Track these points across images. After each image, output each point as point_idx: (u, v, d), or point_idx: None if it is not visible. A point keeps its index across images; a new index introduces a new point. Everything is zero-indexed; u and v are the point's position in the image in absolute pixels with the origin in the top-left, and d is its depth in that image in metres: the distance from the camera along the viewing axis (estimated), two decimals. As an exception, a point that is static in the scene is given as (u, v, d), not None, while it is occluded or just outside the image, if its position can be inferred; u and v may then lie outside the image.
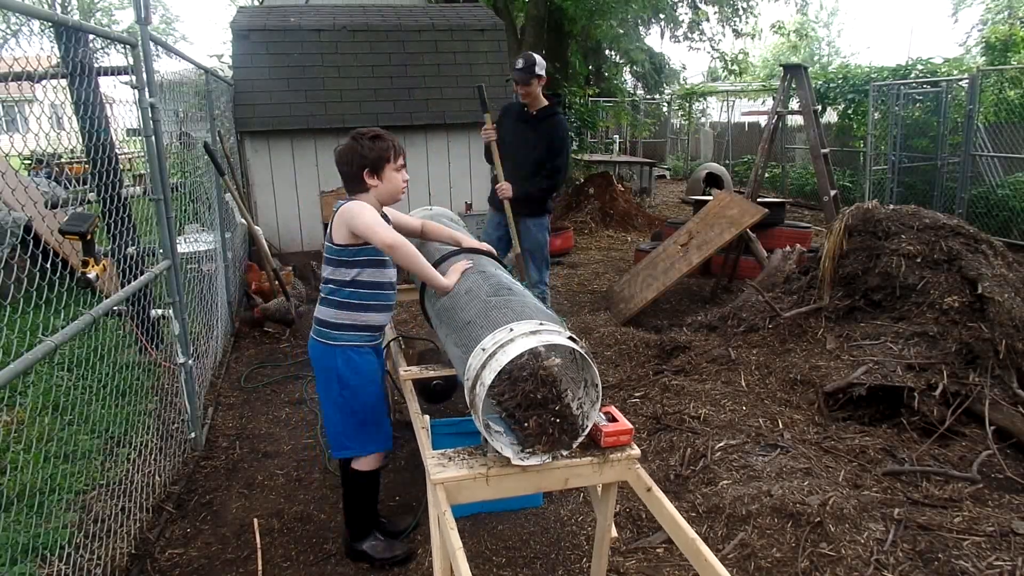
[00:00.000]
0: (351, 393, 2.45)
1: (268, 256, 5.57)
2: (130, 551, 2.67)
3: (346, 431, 2.50)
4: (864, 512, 2.65)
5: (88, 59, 3.09)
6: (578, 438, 1.84)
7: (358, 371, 2.45)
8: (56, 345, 2.01)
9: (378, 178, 2.35)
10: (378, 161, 2.33)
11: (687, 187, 12.60)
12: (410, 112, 7.05)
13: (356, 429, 2.50)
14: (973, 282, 3.60)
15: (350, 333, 2.44)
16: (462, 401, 3.02)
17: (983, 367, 3.34)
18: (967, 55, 18.53)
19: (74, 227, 2.77)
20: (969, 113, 7.94)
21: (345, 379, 2.44)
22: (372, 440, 2.53)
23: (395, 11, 7.70)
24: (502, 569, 2.64)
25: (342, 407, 2.47)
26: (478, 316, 1.95)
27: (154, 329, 4.10)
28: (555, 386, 1.82)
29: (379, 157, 2.33)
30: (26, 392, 3.80)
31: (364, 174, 2.34)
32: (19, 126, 9.30)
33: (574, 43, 11.84)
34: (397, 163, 2.37)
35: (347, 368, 2.43)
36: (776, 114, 6.34)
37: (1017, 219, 7.78)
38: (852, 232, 4.14)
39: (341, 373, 2.43)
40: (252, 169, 6.84)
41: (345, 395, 2.45)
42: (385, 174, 2.35)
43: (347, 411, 2.47)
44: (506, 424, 1.88)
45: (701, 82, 21.55)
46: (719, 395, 3.69)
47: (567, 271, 7.31)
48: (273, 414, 4.06)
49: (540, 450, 1.83)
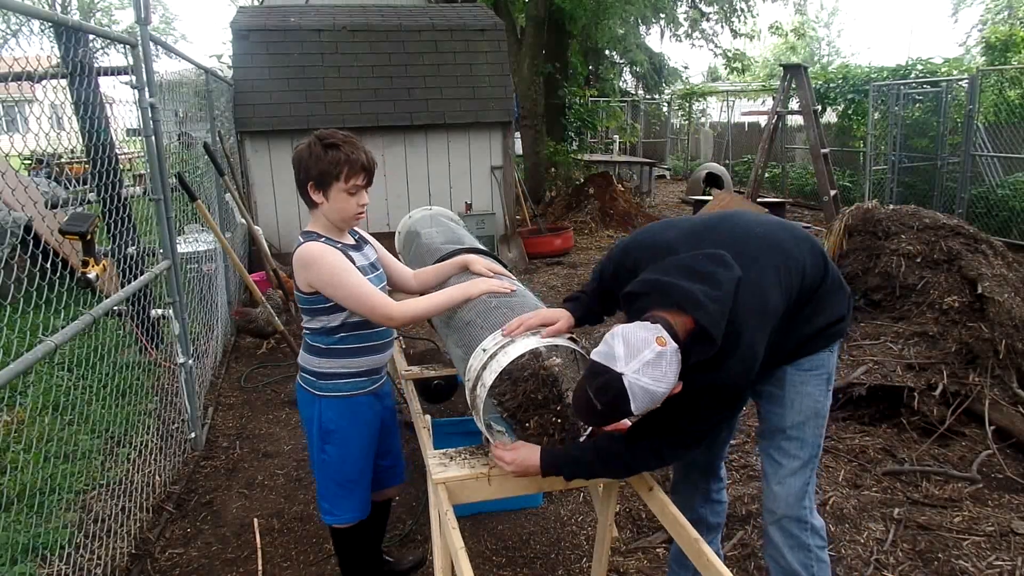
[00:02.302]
0: (335, 451, 2.09)
1: (268, 256, 5.57)
2: (130, 551, 2.67)
3: (328, 494, 2.15)
4: (864, 512, 2.65)
5: (88, 59, 3.09)
6: (579, 439, 1.84)
7: (346, 425, 2.07)
8: (56, 345, 2.01)
9: (323, 196, 1.93)
10: (323, 177, 1.89)
11: (687, 187, 12.60)
12: (410, 112, 7.05)
13: (337, 492, 2.14)
14: (973, 282, 3.60)
15: (341, 382, 2.05)
16: (462, 401, 3.02)
17: (983, 367, 3.35)
18: (967, 55, 18.55)
19: (74, 227, 2.77)
20: (969, 113, 7.94)
21: (329, 434, 2.07)
22: (352, 507, 2.17)
23: (395, 11, 7.69)
24: (502, 569, 2.64)
25: (324, 466, 2.11)
26: (479, 316, 1.95)
27: (154, 329, 4.10)
28: (556, 386, 1.82)
29: (324, 173, 1.88)
30: (26, 392, 3.79)
31: (309, 187, 1.93)
32: (19, 126, 9.30)
33: (574, 43, 11.84)
34: (348, 184, 1.89)
35: (333, 422, 2.07)
36: (776, 114, 6.35)
37: (1017, 219, 7.78)
38: (852, 232, 4.14)
39: (326, 427, 2.07)
40: (252, 169, 6.84)
41: (328, 452, 2.09)
42: (331, 193, 1.91)
43: (329, 471, 2.11)
44: (508, 424, 1.88)
45: (701, 82, 21.56)
46: (719, 395, 3.68)
47: (567, 271, 7.30)
48: (273, 414, 4.06)
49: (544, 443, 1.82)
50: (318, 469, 2.14)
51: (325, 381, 2.05)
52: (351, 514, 2.17)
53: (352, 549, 2.29)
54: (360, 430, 2.11)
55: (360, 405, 2.10)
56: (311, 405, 2.09)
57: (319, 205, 1.95)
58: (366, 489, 2.20)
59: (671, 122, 18.14)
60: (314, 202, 1.95)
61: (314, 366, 2.06)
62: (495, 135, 7.45)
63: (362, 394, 2.09)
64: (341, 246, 1.97)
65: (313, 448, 2.13)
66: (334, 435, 2.08)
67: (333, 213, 1.96)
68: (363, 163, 1.91)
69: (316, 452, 2.11)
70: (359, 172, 1.91)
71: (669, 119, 18.12)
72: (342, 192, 1.91)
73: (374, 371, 2.12)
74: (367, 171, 1.93)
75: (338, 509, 2.16)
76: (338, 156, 1.88)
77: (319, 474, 2.15)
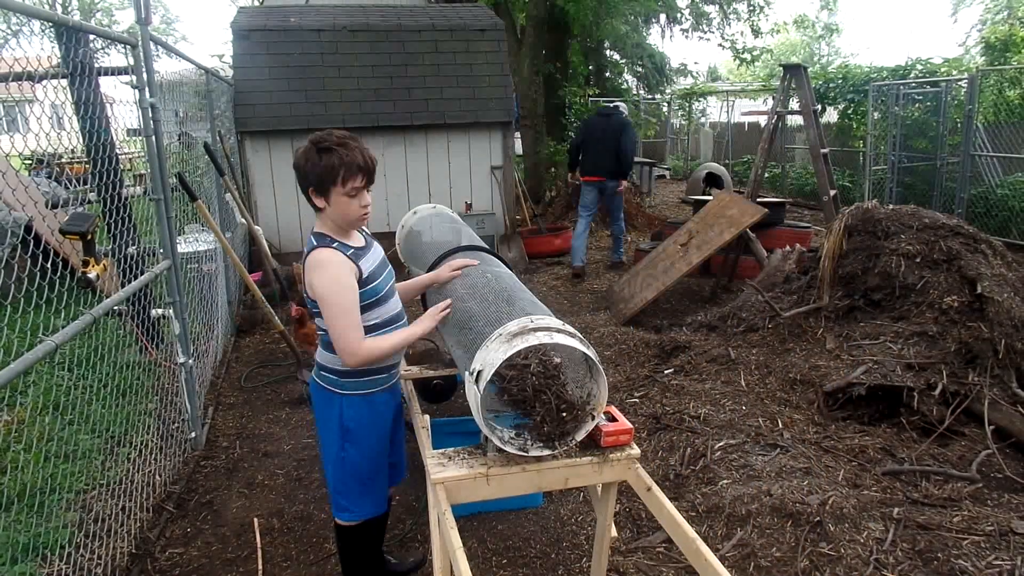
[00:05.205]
0: (355, 448, 2.10)
1: (268, 256, 5.58)
2: (130, 551, 2.67)
3: (347, 491, 2.16)
4: (864, 512, 2.65)
5: (88, 59, 3.09)
6: (582, 426, 1.83)
7: (366, 423, 2.09)
8: (56, 345, 2.01)
9: (325, 200, 1.93)
10: (321, 183, 1.90)
11: (687, 187, 12.59)
12: (410, 112, 7.05)
13: (357, 490, 2.16)
14: (972, 282, 3.60)
15: (360, 380, 2.06)
16: (462, 401, 3.01)
17: (982, 367, 3.35)
18: (967, 55, 18.55)
19: (74, 227, 2.77)
20: (968, 113, 7.94)
21: (350, 432, 2.08)
22: (371, 503, 2.21)
23: (395, 11, 7.70)
24: (502, 569, 2.65)
25: (343, 464, 2.12)
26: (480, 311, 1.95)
27: (154, 329, 4.10)
28: (559, 375, 1.81)
29: (322, 178, 1.89)
30: (26, 392, 3.80)
31: (310, 192, 1.94)
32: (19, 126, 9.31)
33: (575, 43, 11.84)
34: (347, 187, 1.89)
35: (354, 420, 2.08)
36: (776, 114, 6.35)
37: (1016, 219, 7.78)
38: (852, 232, 4.14)
39: (346, 425, 2.08)
40: (252, 169, 6.85)
41: (348, 450, 2.10)
42: (332, 198, 1.91)
43: (349, 468, 2.12)
44: (507, 420, 1.87)
45: (702, 81, 21.54)
46: (719, 395, 3.69)
47: (567, 271, 7.30)
48: (273, 414, 4.06)
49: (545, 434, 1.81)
50: (336, 467, 2.14)
51: (348, 379, 2.06)
52: (370, 510, 2.20)
53: (357, 548, 2.30)
54: (379, 427, 2.14)
55: (378, 403, 2.12)
56: (329, 404, 2.09)
57: (323, 209, 1.96)
58: (383, 486, 2.23)
59: (671, 122, 18.13)
60: (317, 207, 1.96)
61: (334, 364, 2.06)
62: (495, 135, 7.46)
63: (380, 391, 2.12)
64: (352, 252, 1.98)
65: (331, 447, 2.12)
66: (354, 433, 2.09)
67: (337, 216, 1.96)
68: (359, 164, 1.89)
69: (335, 450, 2.11)
70: (356, 174, 1.89)
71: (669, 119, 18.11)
72: (342, 196, 1.91)
73: (392, 367, 2.15)
74: (364, 171, 1.91)
75: (356, 506, 2.18)
76: (332, 160, 1.87)
77: (338, 472, 2.14)
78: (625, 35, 13.44)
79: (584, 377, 1.88)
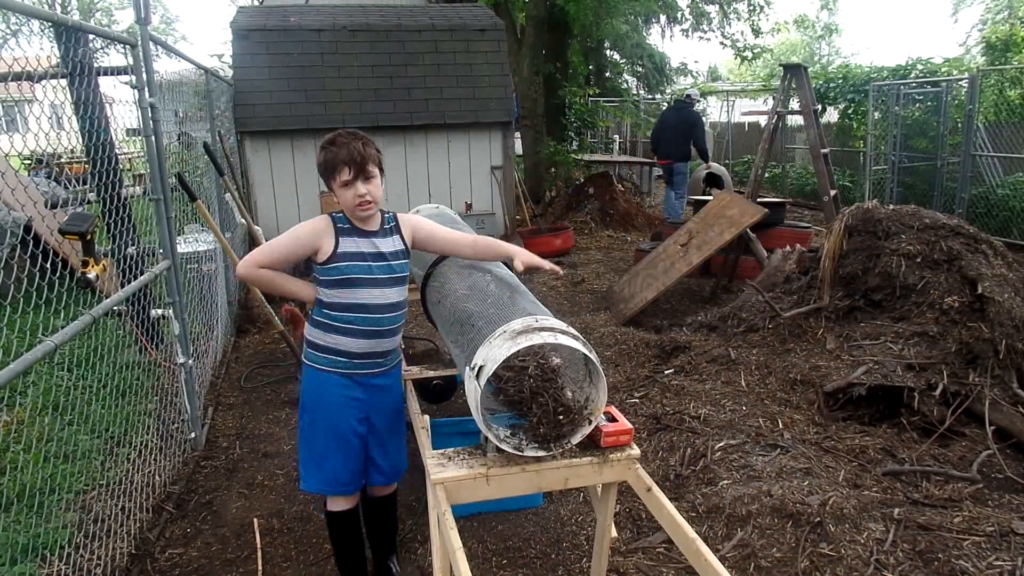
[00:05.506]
0: (306, 419, 2.25)
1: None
2: (130, 551, 2.67)
3: (302, 458, 2.30)
4: (864, 512, 2.65)
5: (88, 59, 3.09)
6: (578, 430, 1.83)
7: (314, 397, 2.22)
8: (56, 345, 2.01)
9: (331, 191, 2.14)
10: (324, 176, 2.13)
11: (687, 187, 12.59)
12: (410, 112, 7.05)
13: (307, 460, 2.28)
14: (973, 282, 3.60)
15: (318, 354, 2.20)
16: (461, 401, 3.01)
17: (983, 367, 3.34)
18: (967, 55, 18.55)
19: (74, 227, 2.77)
20: (969, 113, 7.94)
21: (304, 401, 2.25)
22: (319, 479, 2.27)
23: (395, 11, 7.70)
24: (502, 569, 2.64)
25: (301, 431, 2.28)
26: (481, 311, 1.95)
27: (154, 329, 4.10)
28: (557, 378, 1.80)
29: (323, 173, 2.12)
30: (26, 392, 3.80)
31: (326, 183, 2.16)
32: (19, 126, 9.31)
33: (575, 43, 11.84)
34: (339, 179, 2.06)
35: (309, 391, 2.23)
36: (776, 114, 6.35)
37: (1017, 219, 7.78)
38: (852, 232, 4.14)
39: (304, 394, 2.25)
40: (252, 169, 6.84)
41: (303, 418, 2.27)
42: (334, 188, 2.11)
43: (302, 436, 2.28)
44: (503, 420, 1.87)
45: (702, 81, 21.53)
46: (719, 395, 3.69)
47: (567, 271, 7.30)
48: (273, 414, 4.06)
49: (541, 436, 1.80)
50: (300, 434, 2.31)
51: (310, 351, 2.23)
52: (317, 486, 2.30)
53: (335, 534, 2.40)
54: (328, 408, 2.21)
55: (329, 384, 2.20)
56: (303, 372, 2.28)
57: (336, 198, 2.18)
58: (337, 470, 2.25)
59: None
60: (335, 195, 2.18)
61: (308, 334, 2.24)
62: (495, 135, 7.45)
63: (334, 373, 2.19)
64: (349, 228, 2.14)
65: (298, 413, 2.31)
66: (304, 404, 2.25)
67: (342, 204, 2.15)
68: (343, 159, 2.04)
69: (300, 416, 2.30)
70: (343, 167, 2.05)
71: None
72: (339, 187, 2.10)
73: (345, 355, 2.17)
74: (350, 164, 2.04)
75: (307, 475, 2.29)
76: (331, 153, 2.07)
77: (300, 436, 2.31)
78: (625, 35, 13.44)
79: (583, 378, 1.88)
